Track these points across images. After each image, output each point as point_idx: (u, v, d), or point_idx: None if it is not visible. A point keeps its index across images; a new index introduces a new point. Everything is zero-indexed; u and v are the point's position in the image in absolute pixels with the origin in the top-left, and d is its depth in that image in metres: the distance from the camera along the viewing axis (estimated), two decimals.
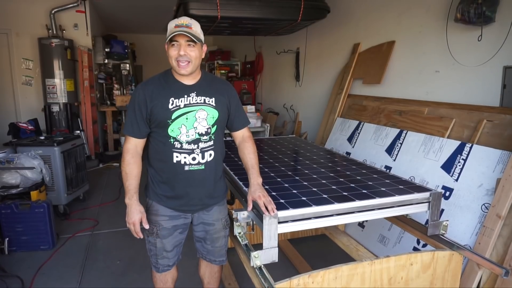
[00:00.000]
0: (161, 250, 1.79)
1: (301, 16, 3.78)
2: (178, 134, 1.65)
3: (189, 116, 1.65)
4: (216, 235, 1.85)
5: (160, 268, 1.84)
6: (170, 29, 1.60)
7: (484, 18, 2.35)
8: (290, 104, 5.55)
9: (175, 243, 1.81)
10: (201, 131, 1.67)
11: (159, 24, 7.99)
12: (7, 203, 3.01)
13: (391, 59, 3.36)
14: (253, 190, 1.65)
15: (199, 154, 1.68)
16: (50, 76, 5.48)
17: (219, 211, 1.84)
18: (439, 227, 1.76)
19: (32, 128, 4.49)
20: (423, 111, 2.91)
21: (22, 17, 5.58)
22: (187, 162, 1.68)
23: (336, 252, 2.73)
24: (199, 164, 1.69)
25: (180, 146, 1.66)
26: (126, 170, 1.66)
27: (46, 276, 2.69)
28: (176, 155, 1.67)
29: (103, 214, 3.90)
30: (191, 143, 1.66)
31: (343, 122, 3.73)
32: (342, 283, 1.48)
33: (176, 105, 1.63)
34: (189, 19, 1.63)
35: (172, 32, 1.57)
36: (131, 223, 1.66)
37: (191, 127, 1.65)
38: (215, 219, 1.83)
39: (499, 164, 2.20)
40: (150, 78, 1.74)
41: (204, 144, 1.69)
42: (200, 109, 1.66)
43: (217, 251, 1.89)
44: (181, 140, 1.65)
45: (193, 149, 1.67)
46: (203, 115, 1.67)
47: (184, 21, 1.60)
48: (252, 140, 1.85)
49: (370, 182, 1.92)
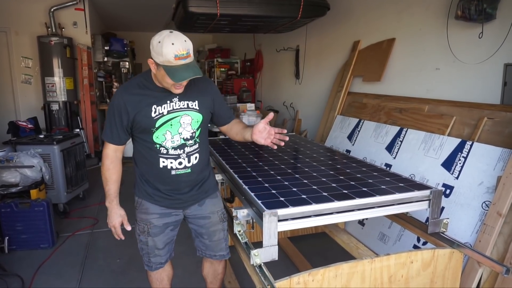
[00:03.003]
0: (152, 248, 1.79)
1: (301, 13, 3.77)
2: (163, 141, 1.64)
3: (174, 122, 1.63)
4: (213, 228, 1.85)
5: (153, 266, 1.83)
6: (167, 58, 1.44)
7: (485, 15, 2.34)
8: (290, 102, 5.54)
9: (166, 241, 1.81)
10: (186, 136, 1.66)
11: (159, 22, 7.97)
12: (7, 202, 3.00)
13: (391, 57, 3.35)
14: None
15: (185, 159, 1.68)
16: (49, 75, 5.46)
17: (212, 204, 1.84)
18: (439, 225, 1.76)
19: (31, 126, 4.49)
20: (424, 109, 2.90)
21: (21, 15, 5.57)
22: (174, 167, 1.68)
23: (336, 250, 2.73)
24: (185, 168, 1.70)
25: (166, 152, 1.65)
26: (105, 175, 1.68)
27: (46, 275, 2.69)
28: (163, 160, 1.66)
29: (103, 213, 3.86)
30: (177, 149, 1.66)
31: (343, 120, 3.72)
32: (342, 281, 1.48)
33: (159, 113, 1.60)
34: (185, 43, 1.47)
35: (172, 66, 1.46)
36: (112, 225, 1.72)
37: (176, 133, 1.64)
38: (210, 212, 1.83)
39: (499, 162, 2.19)
40: (128, 83, 1.68)
41: (190, 148, 1.69)
42: (184, 115, 1.64)
43: (215, 245, 1.88)
44: (166, 146, 1.65)
45: (179, 154, 1.67)
46: (188, 120, 1.65)
47: (183, 50, 1.45)
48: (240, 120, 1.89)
49: (370, 180, 1.91)
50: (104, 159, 1.68)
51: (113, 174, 1.69)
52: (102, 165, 1.68)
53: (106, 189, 1.71)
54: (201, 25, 4.21)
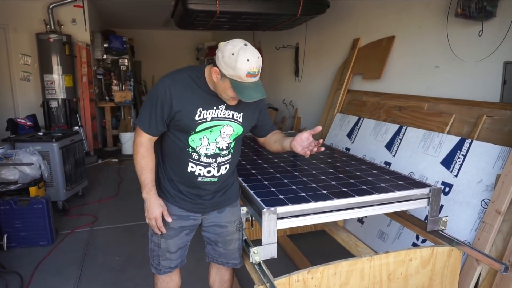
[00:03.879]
0: (164, 251, 1.71)
1: (300, 11, 3.76)
2: (198, 146, 1.55)
3: (214, 130, 1.54)
4: (229, 237, 1.76)
5: (161, 270, 1.75)
6: (239, 74, 1.36)
7: (485, 13, 2.33)
8: (289, 99, 5.53)
9: (180, 245, 1.72)
10: (222, 146, 1.58)
11: (158, 19, 7.95)
12: (6, 199, 3.00)
13: (391, 55, 3.34)
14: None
15: (215, 168, 1.60)
16: (48, 72, 5.45)
17: (232, 213, 1.75)
18: (438, 222, 1.76)
19: (30, 124, 4.47)
20: (423, 107, 2.90)
21: (20, 12, 5.55)
22: (201, 174, 1.60)
23: (336, 248, 2.73)
24: (213, 177, 1.62)
25: (198, 158, 1.57)
26: (141, 163, 1.56)
27: (45, 272, 2.69)
28: (192, 165, 1.58)
29: (102, 210, 3.89)
30: (210, 157, 1.58)
31: (343, 118, 3.72)
32: (342, 278, 1.48)
33: (203, 118, 1.51)
34: (259, 60, 1.38)
35: (242, 82, 1.38)
36: (153, 218, 1.58)
37: (213, 141, 1.55)
38: (228, 221, 1.74)
39: (499, 160, 2.19)
40: (178, 74, 1.54)
41: (222, 159, 1.61)
42: (227, 125, 1.55)
43: (230, 254, 1.79)
44: (199, 152, 1.56)
45: (210, 163, 1.59)
46: (229, 131, 1.57)
47: (256, 68, 1.37)
48: (279, 131, 1.82)
49: (370, 178, 1.91)
50: (139, 146, 1.56)
51: (149, 162, 1.57)
52: (137, 153, 1.57)
53: (142, 178, 1.57)
54: (201, 23, 4.20)
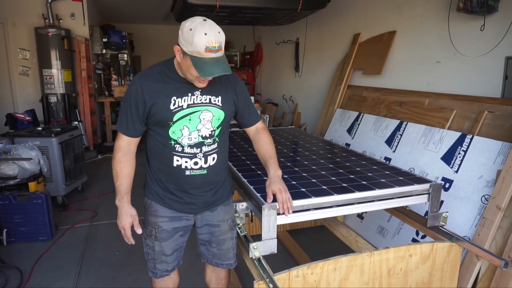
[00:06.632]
0: (159, 254, 1.67)
1: (301, 5, 3.74)
2: (179, 137, 1.51)
3: (193, 117, 1.50)
4: (222, 237, 1.72)
5: (158, 273, 1.70)
6: (197, 49, 1.32)
7: (487, 7, 2.31)
8: (289, 95, 5.52)
9: (175, 247, 1.68)
10: (205, 133, 1.53)
11: (157, 14, 7.90)
12: (5, 194, 2.99)
13: (392, 50, 3.33)
14: (273, 182, 1.54)
15: (201, 159, 1.55)
16: (47, 67, 5.42)
17: (224, 211, 1.71)
18: (438, 218, 1.76)
19: (29, 119, 4.47)
20: (424, 102, 2.89)
21: (18, 6, 5.50)
22: (188, 167, 1.55)
23: (335, 243, 2.73)
24: (201, 169, 1.56)
25: (182, 150, 1.53)
26: (116, 168, 1.52)
27: (45, 267, 2.69)
28: (177, 158, 1.53)
29: (102, 205, 3.89)
30: (194, 147, 1.53)
31: (343, 113, 3.70)
32: (341, 274, 1.48)
33: (178, 106, 1.48)
34: (219, 35, 1.34)
35: (201, 58, 1.34)
36: (121, 227, 1.55)
37: (194, 129, 1.51)
38: (220, 220, 1.70)
39: (499, 155, 2.18)
40: (148, 70, 1.55)
41: (208, 148, 1.55)
42: (205, 110, 1.51)
43: (223, 254, 1.76)
44: (182, 143, 1.52)
45: (195, 153, 1.54)
46: (208, 117, 1.52)
47: (216, 43, 1.33)
48: (267, 131, 1.74)
49: (370, 174, 1.91)
50: (116, 151, 1.53)
51: (124, 168, 1.52)
52: (113, 157, 1.54)
53: (116, 184, 1.53)
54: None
